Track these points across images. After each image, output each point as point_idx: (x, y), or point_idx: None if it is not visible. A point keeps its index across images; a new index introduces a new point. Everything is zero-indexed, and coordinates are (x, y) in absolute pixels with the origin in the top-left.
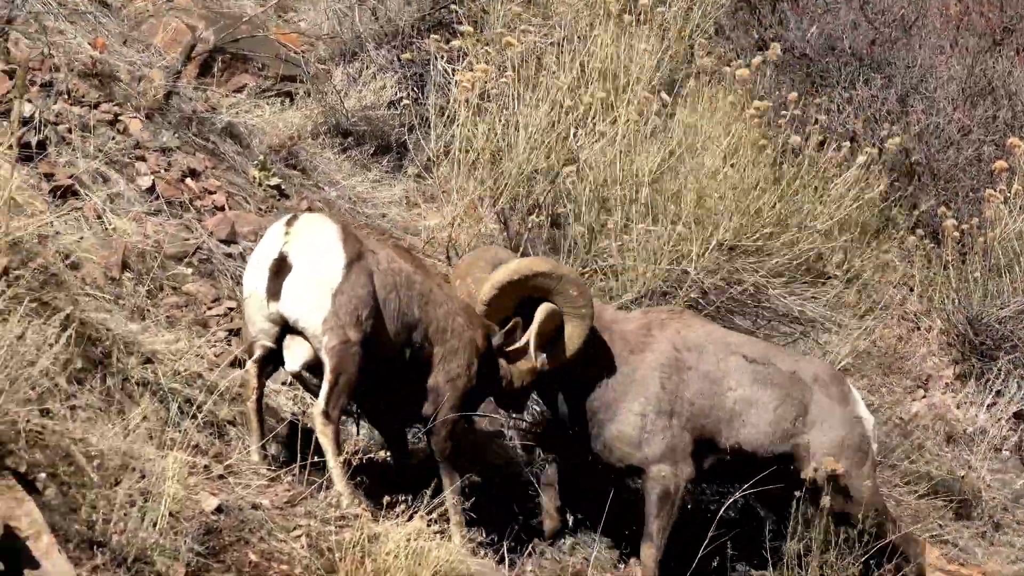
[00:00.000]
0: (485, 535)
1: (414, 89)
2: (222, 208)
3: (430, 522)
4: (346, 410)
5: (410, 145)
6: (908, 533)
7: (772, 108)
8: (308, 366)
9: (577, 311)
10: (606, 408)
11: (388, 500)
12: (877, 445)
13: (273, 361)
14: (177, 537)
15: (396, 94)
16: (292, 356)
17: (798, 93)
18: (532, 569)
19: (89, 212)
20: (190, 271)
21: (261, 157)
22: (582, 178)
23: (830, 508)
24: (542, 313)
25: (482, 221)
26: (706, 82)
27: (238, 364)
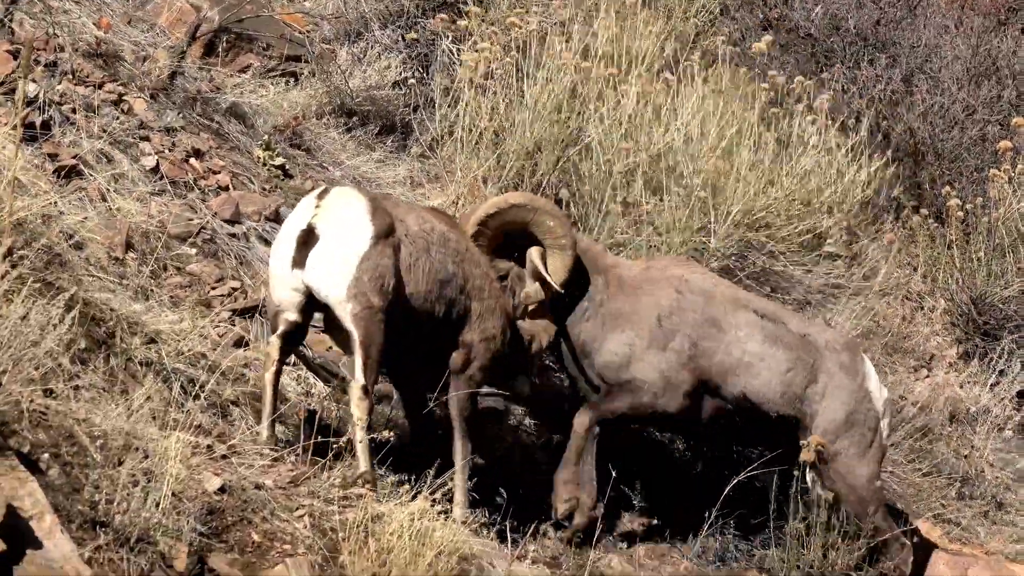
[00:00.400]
0: (488, 515)
1: (418, 69)
2: (226, 188)
3: (433, 502)
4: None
5: (415, 125)
6: (898, 535)
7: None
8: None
9: (557, 242)
10: (594, 340)
11: (392, 480)
12: (889, 423)
13: (296, 339)
14: (180, 517)
15: (400, 74)
16: None
17: (804, 73)
18: (535, 549)
19: (93, 192)
20: (194, 251)
21: (265, 137)
22: (589, 156)
23: (824, 488)
24: (533, 255)
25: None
26: (711, 61)
27: (242, 344)
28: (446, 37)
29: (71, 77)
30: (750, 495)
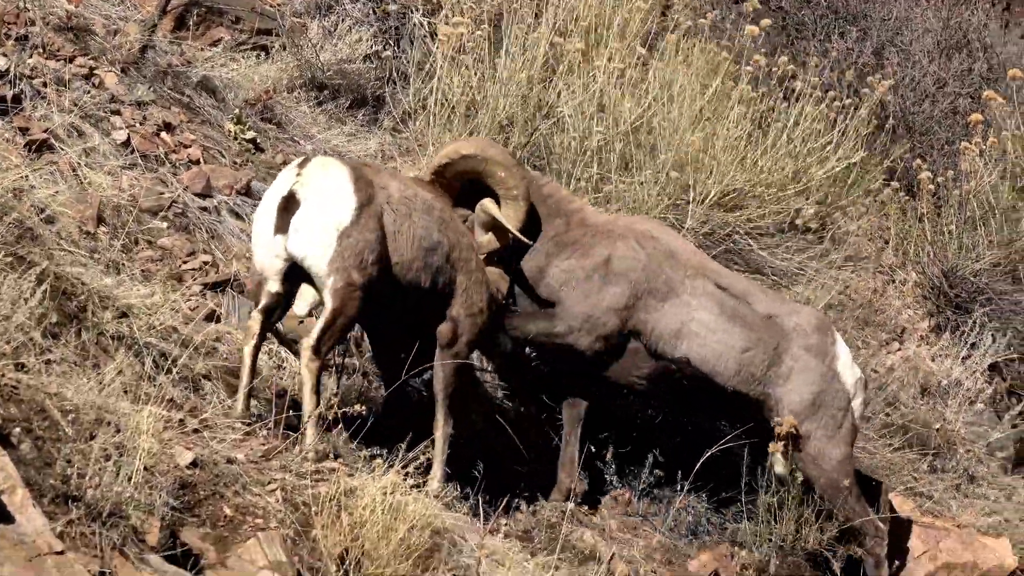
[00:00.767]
0: (460, 490)
1: (390, 43)
2: (197, 162)
3: (406, 476)
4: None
5: (386, 98)
6: (872, 520)
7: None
8: (316, 307)
9: (508, 193)
10: (540, 270)
11: (365, 454)
12: (863, 402)
13: (277, 312)
14: (152, 491)
15: (372, 47)
16: (302, 300)
17: (774, 46)
18: (507, 523)
19: (64, 166)
20: (165, 225)
21: (236, 111)
22: (561, 130)
23: (794, 470)
24: (485, 205)
25: None
26: (682, 35)
27: (214, 318)
28: (418, 10)
29: (42, 51)
30: (723, 469)
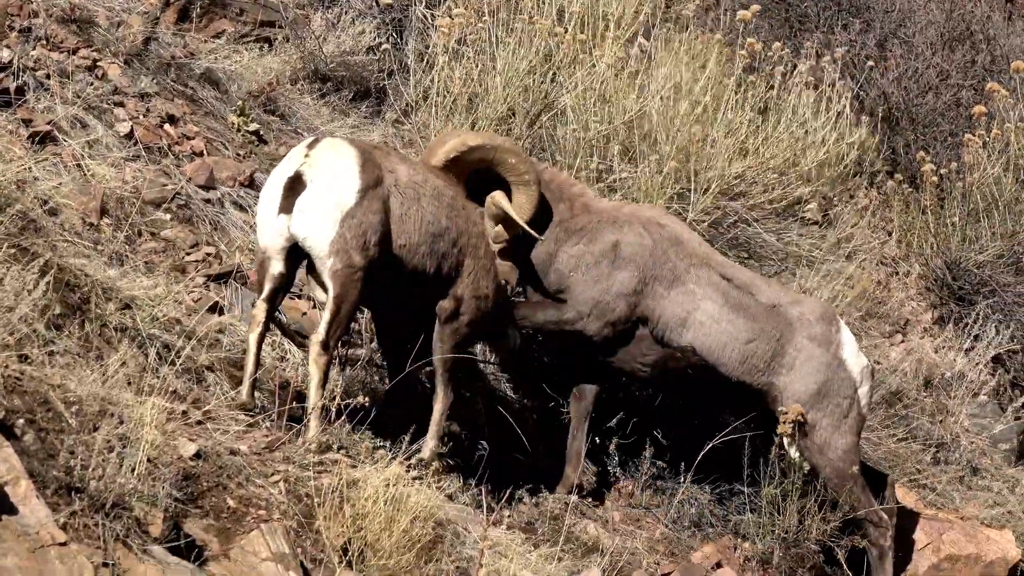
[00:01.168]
0: (462, 481)
1: (393, 34)
2: (201, 154)
3: (409, 467)
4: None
5: (389, 91)
6: (877, 511)
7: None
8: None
9: (520, 179)
10: (550, 256)
11: (367, 445)
12: (869, 390)
13: (280, 298)
14: (155, 483)
15: (375, 39)
16: (318, 288)
17: (777, 38)
18: (509, 515)
19: (68, 158)
20: (168, 217)
21: (240, 103)
22: (563, 122)
23: (800, 458)
24: (495, 198)
25: None
26: (684, 27)
27: (217, 310)
28: (420, 2)
29: (45, 43)
30: (726, 460)
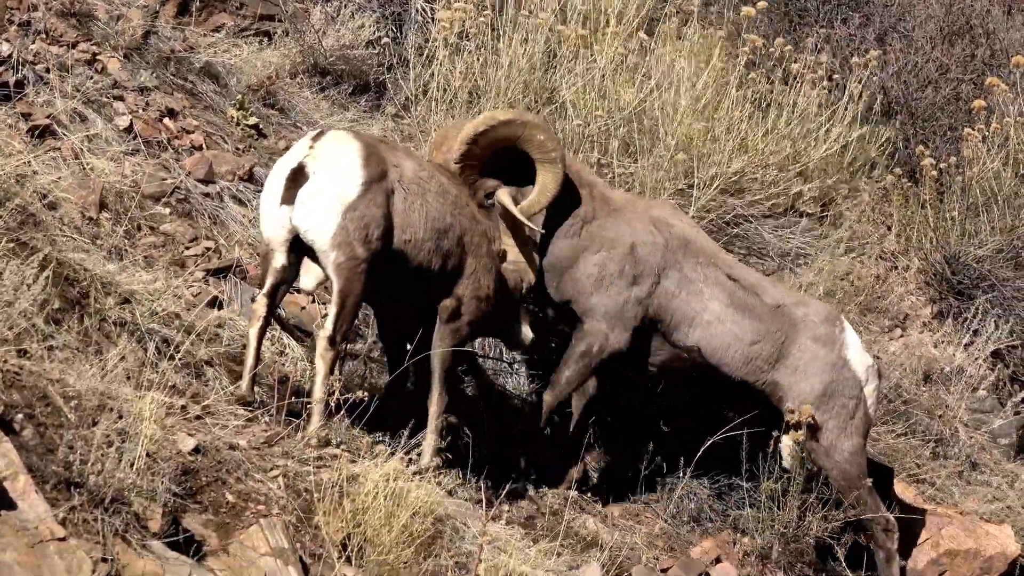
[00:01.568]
0: (462, 476)
1: (392, 28)
2: (200, 148)
3: (409, 462)
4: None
5: (388, 84)
6: (884, 516)
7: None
8: (322, 283)
9: (547, 156)
10: (572, 258)
11: (367, 440)
12: (876, 389)
13: (282, 292)
14: (154, 478)
15: (374, 33)
16: (308, 276)
17: (776, 32)
18: (509, 510)
19: (67, 152)
20: (168, 211)
21: (239, 97)
22: (563, 116)
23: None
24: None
25: None
26: (684, 21)
27: (216, 304)
28: None
29: (44, 36)
30: (726, 455)
